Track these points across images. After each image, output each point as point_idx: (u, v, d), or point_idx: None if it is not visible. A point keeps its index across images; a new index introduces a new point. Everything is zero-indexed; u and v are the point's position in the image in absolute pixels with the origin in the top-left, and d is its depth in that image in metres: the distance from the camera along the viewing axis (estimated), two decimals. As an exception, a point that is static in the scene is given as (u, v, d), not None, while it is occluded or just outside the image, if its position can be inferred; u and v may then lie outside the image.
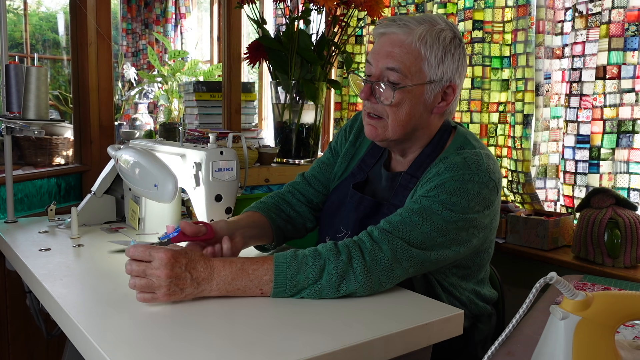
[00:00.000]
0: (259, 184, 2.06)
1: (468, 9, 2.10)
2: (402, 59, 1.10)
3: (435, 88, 1.13)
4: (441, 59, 1.11)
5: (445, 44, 1.11)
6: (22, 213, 1.79)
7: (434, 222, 1.02)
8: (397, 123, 1.14)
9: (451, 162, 1.08)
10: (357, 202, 1.22)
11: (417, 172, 1.17)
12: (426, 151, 1.19)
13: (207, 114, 2.52)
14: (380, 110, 1.14)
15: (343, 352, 0.79)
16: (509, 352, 0.90)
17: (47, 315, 1.05)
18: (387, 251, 0.98)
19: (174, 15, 4.30)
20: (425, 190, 1.06)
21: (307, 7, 2.10)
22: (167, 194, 1.24)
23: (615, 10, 1.70)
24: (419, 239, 1.01)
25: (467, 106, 2.14)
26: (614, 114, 1.73)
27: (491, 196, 1.08)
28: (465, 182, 1.05)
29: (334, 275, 0.95)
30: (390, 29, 1.12)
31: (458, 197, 1.04)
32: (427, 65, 1.11)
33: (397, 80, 1.11)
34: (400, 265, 0.99)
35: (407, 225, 1.02)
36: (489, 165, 1.09)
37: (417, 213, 1.03)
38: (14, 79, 1.50)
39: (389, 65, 1.11)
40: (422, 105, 1.14)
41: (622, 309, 0.69)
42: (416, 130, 1.17)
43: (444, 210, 1.03)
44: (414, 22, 1.11)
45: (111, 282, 1.07)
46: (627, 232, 1.62)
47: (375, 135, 1.17)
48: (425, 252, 1.02)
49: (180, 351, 0.78)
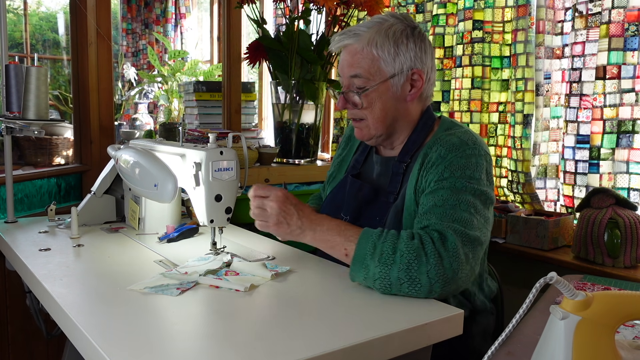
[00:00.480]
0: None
1: (468, 9, 2.10)
2: (361, 64, 1.21)
3: (400, 80, 1.22)
4: (395, 53, 1.20)
5: (395, 37, 1.20)
6: (22, 213, 1.79)
7: (466, 198, 1.10)
8: (375, 120, 1.24)
9: (450, 143, 1.17)
10: (357, 189, 1.30)
11: (405, 157, 1.26)
12: (412, 137, 1.27)
13: (207, 114, 2.52)
14: (359, 114, 1.26)
15: (343, 352, 0.79)
16: (509, 352, 0.90)
17: (47, 315, 1.05)
18: (451, 236, 1.03)
19: (174, 15, 4.30)
20: (439, 174, 1.14)
21: (307, 7, 2.10)
22: (167, 194, 1.25)
23: (615, 10, 1.70)
24: (465, 217, 1.07)
25: (467, 106, 2.14)
26: (614, 114, 1.73)
27: (489, 168, 1.19)
28: (469, 157, 1.14)
29: (405, 253, 1.00)
30: (344, 42, 1.23)
31: (469, 170, 1.13)
32: (384, 63, 1.20)
33: (362, 85, 1.21)
34: (463, 251, 1.03)
35: (449, 209, 1.08)
36: (481, 140, 1.21)
37: (448, 197, 1.10)
38: (14, 79, 1.50)
39: (352, 74, 1.22)
40: (393, 98, 1.23)
41: (622, 309, 0.69)
42: (397, 121, 1.26)
43: (467, 183, 1.11)
44: (363, 29, 1.21)
45: (111, 282, 1.07)
46: (627, 232, 1.62)
47: (363, 136, 1.28)
48: (474, 231, 1.07)
49: (180, 351, 0.78)
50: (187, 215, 1.64)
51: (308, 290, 1.06)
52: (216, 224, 1.23)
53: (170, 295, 0.99)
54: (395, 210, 1.21)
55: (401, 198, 1.21)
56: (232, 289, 1.04)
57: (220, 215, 1.23)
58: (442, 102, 2.22)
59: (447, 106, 2.21)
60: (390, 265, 1.00)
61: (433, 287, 0.99)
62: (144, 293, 1.00)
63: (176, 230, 1.42)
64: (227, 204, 1.23)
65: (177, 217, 1.53)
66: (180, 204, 1.56)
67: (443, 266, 0.99)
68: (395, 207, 1.21)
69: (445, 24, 2.20)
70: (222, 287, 1.05)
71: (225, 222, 1.24)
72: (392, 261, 1.00)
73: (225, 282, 1.07)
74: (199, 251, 1.30)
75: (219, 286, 1.05)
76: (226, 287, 1.05)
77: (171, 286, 1.03)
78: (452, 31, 2.19)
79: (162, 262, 1.22)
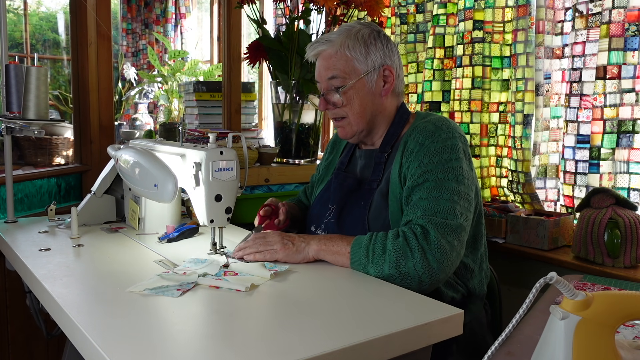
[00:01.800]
0: (259, 184, 2.07)
1: (468, 9, 2.10)
2: (336, 66, 1.32)
3: (374, 76, 1.33)
4: (366, 52, 1.31)
5: (364, 39, 1.32)
6: (22, 213, 1.79)
7: (449, 186, 1.19)
8: (356, 116, 1.34)
9: (426, 130, 1.26)
10: (341, 180, 1.41)
11: (386, 147, 1.35)
12: (391, 130, 1.37)
13: (207, 114, 2.52)
14: (339, 113, 1.36)
15: (343, 352, 0.79)
16: (509, 352, 0.90)
17: (47, 315, 1.05)
18: (432, 230, 1.13)
19: (174, 15, 4.30)
20: (419, 161, 1.23)
21: (307, 7, 2.10)
22: (167, 194, 1.24)
23: (615, 10, 1.70)
24: (447, 207, 1.16)
25: (468, 106, 2.14)
26: (614, 114, 1.73)
27: (465, 148, 1.28)
28: (444, 140, 1.24)
29: (393, 252, 1.11)
30: (318, 49, 1.34)
31: (446, 153, 1.22)
32: (357, 62, 1.32)
33: (340, 84, 1.32)
34: (446, 240, 1.13)
35: (432, 202, 1.17)
36: (454, 124, 1.31)
37: (432, 189, 1.19)
38: (14, 79, 1.50)
39: (329, 75, 1.33)
40: (370, 94, 1.34)
41: (622, 309, 0.69)
42: (376, 116, 1.36)
43: (447, 168, 1.20)
44: (334, 35, 1.33)
45: (111, 282, 1.07)
46: (627, 232, 1.62)
47: (346, 134, 1.38)
48: (457, 220, 1.16)
49: (180, 351, 0.78)
50: (187, 215, 1.64)
51: (308, 290, 1.06)
52: (216, 224, 1.23)
53: (171, 296, 0.99)
54: (380, 193, 1.30)
55: (385, 182, 1.30)
56: (232, 289, 1.04)
57: (220, 215, 1.23)
58: (442, 102, 2.22)
59: (447, 106, 2.21)
60: (382, 265, 1.12)
61: (422, 279, 1.11)
62: (144, 294, 1.00)
63: (176, 230, 1.42)
64: (227, 204, 1.23)
65: (177, 217, 1.53)
66: (180, 204, 1.56)
67: (427, 259, 1.11)
68: (380, 190, 1.31)
69: (446, 24, 2.20)
70: (222, 288, 1.05)
71: (225, 222, 1.24)
72: (382, 260, 1.12)
73: (225, 282, 1.07)
74: (199, 251, 1.30)
75: (219, 286, 1.05)
76: (226, 287, 1.05)
77: (171, 287, 1.03)
78: (453, 31, 2.19)
79: (162, 262, 1.22)
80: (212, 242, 1.28)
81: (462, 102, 2.15)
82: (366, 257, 1.14)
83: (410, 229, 1.14)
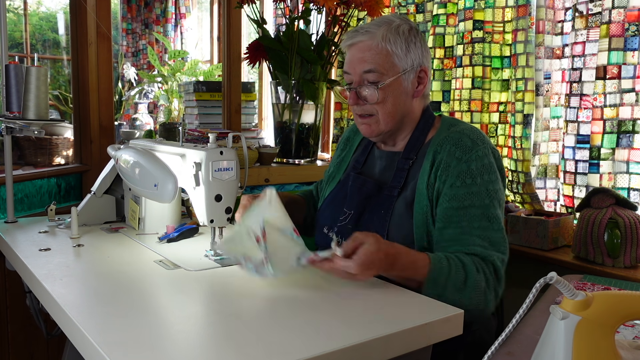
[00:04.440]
0: (259, 184, 2.07)
1: (468, 9, 2.10)
2: (375, 59, 1.23)
3: (410, 75, 1.27)
4: (406, 49, 1.25)
5: (405, 36, 1.25)
6: (22, 213, 1.79)
7: (495, 216, 1.18)
8: (387, 116, 1.27)
9: (462, 144, 1.21)
10: (360, 184, 1.33)
11: (410, 153, 1.29)
12: (415, 134, 1.31)
13: (207, 114, 2.52)
14: (369, 110, 1.27)
15: (343, 352, 0.79)
16: (509, 352, 0.90)
17: (47, 315, 1.05)
18: (500, 269, 1.15)
19: (174, 15, 4.29)
20: (460, 180, 1.19)
21: (307, 7, 2.10)
22: (167, 194, 1.24)
23: (615, 10, 1.70)
24: (500, 239, 1.17)
25: (468, 106, 2.14)
26: (614, 114, 1.73)
27: (498, 162, 1.25)
28: (481, 158, 1.20)
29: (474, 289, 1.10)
30: (356, 39, 1.26)
31: (487, 174, 1.20)
32: (397, 58, 1.24)
33: (376, 79, 1.24)
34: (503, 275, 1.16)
35: (487, 232, 1.16)
36: (485, 136, 1.27)
37: (482, 218, 1.17)
38: (14, 79, 1.50)
39: (366, 69, 1.24)
40: (404, 94, 1.27)
41: (622, 309, 0.69)
42: (404, 117, 1.30)
43: (492, 199, 1.19)
44: (374, 27, 1.25)
45: (111, 282, 1.07)
46: (627, 232, 1.62)
47: (371, 132, 1.30)
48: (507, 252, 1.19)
49: (180, 351, 0.78)
50: (187, 215, 1.64)
51: (308, 291, 1.06)
52: (216, 224, 1.23)
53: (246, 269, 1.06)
54: (404, 202, 1.24)
55: (411, 192, 1.24)
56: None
57: (220, 215, 1.23)
58: (442, 102, 2.22)
59: (447, 106, 2.21)
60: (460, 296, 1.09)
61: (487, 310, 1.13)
62: (143, 293, 1.00)
63: (176, 230, 1.42)
64: (227, 204, 1.23)
65: (177, 217, 1.53)
66: (180, 204, 1.56)
67: (497, 296, 1.15)
68: (404, 199, 1.24)
69: (446, 24, 2.20)
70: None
71: (225, 222, 1.24)
72: (462, 294, 1.10)
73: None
74: (199, 251, 1.30)
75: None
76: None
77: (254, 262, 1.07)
78: (453, 31, 2.19)
79: (162, 262, 1.22)
80: (212, 242, 1.28)
81: (462, 102, 2.15)
82: (444, 288, 1.09)
83: (487, 265, 1.13)
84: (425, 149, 1.27)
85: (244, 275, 1.13)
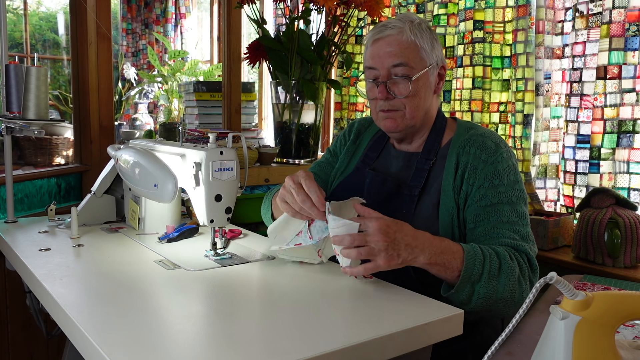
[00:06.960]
0: (259, 184, 2.06)
1: (469, 9, 2.10)
2: (404, 53, 1.22)
3: (434, 71, 1.27)
4: (431, 45, 1.25)
5: (429, 32, 1.26)
6: (22, 213, 1.79)
7: (522, 213, 1.20)
8: (414, 109, 1.25)
9: (486, 147, 1.22)
10: (380, 182, 1.31)
11: (430, 154, 1.28)
12: (432, 135, 1.31)
13: (207, 114, 2.52)
14: (397, 104, 1.25)
15: (343, 352, 0.79)
16: (509, 352, 0.90)
17: (47, 315, 1.05)
18: (533, 257, 1.14)
19: (174, 15, 4.29)
20: (488, 180, 1.20)
21: (307, 7, 2.10)
22: (167, 194, 1.24)
23: (615, 10, 1.70)
24: (528, 233, 1.19)
25: (468, 106, 2.14)
26: (615, 114, 1.73)
27: (516, 162, 1.27)
28: (506, 160, 1.22)
29: (510, 278, 1.08)
30: (384, 33, 1.24)
31: (512, 174, 1.22)
32: (425, 53, 1.24)
33: (406, 73, 1.22)
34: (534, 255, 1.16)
35: (517, 227, 1.17)
36: (502, 138, 1.28)
37: (512, 213, 1.18)
38: (14, 79, 1.50)
39: (395, 62, 1.22)
40: (430, 89, 1.28)
41: (622, 309, 0.68)
42: (425, 114, 1.29)
43: (518, 198, 1.20)
44: (399, 22, 1.24)
45: (111, 282, 1.07)
46: (627, 232, 1.62)
47: (396, 126, 1.27)
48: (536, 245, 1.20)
49: (180, 351, 0.78)
50: (187, 215, 1.64)
51: (308, 290, 1.06)
52: (216, 224, 1.23)
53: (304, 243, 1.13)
54: (430, 203, 1.23)
55: (435, 193, 1.24)
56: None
57: (220, 215, 1.23)
58: (443, 102, 2.22)
59: (448, 106, 2.21)
60: (495, 285, 1.07)
61: (519, 304, 1.09)
62: (144, 293, 1.00)
63: (176, 230, 1.42)
64: (227, 204, 1.23)
65: (177, 217, 1.53)
66: (180, 204, 1.56)
67: (532, 287, 1.11)
68: (430, 199, 1.24)
69: (446, 24, 2.20)
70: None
71: (225, 222, 1.24)
72: (497, 282, 1.08)
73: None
74: (199, 251, 1.30)
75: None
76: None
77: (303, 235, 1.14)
78: (453, 31, 2.19)
79: (162, 262, 1.22)
80: (212, 242, 1.28)
81: (463, 102, 2.15)
82: (480, 275, 1.06)
83: (519, 255, 1.13)
84: (445, 150, 1.27)
85: (244, 275, 1.13)
